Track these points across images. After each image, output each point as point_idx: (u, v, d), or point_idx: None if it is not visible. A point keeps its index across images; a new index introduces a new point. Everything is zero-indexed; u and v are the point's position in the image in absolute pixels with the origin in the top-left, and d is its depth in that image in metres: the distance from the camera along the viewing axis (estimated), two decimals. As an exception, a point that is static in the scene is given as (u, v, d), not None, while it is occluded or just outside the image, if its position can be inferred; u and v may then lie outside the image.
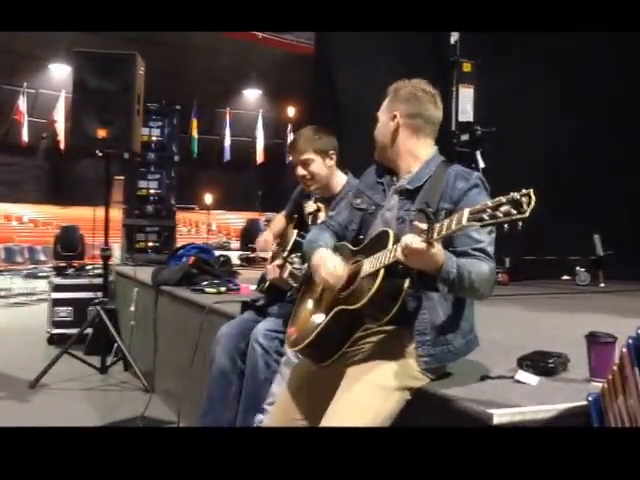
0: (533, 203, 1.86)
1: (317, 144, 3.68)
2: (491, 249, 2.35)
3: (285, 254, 3.68)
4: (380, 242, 2.36)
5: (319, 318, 2.44)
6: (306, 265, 3.56)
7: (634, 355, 1.85)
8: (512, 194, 1.89)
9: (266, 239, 4.08)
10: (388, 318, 2.28)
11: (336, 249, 2.62)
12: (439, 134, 2.70)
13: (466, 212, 1.98)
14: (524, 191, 1.88)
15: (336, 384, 2.36)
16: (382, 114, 2.67)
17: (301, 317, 2.61)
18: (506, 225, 1.90)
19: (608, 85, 7.89)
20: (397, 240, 2.24)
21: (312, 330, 2.42)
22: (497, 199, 1.93)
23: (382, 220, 2.56)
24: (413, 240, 2.08)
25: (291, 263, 3.58)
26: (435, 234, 2.06)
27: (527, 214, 1.86)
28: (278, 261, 3.72)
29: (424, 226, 2.08)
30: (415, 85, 2.65)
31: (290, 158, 3.77)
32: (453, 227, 2.02)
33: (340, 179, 3.73)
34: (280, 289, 3.74)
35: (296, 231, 3.79)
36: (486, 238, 2.34)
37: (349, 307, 2.33)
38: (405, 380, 2.33)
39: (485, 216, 1.93)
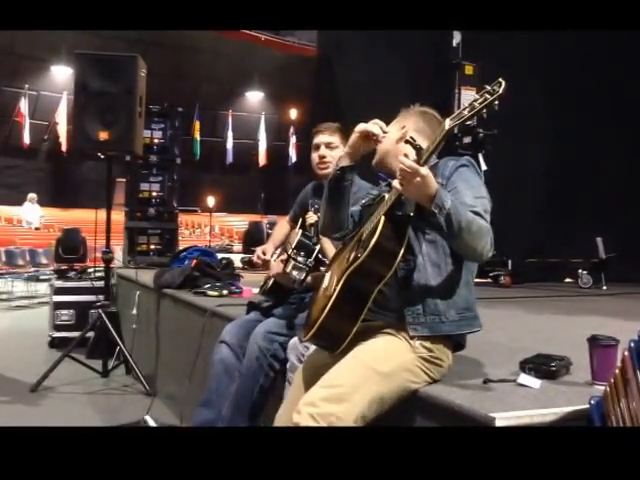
0: (504, 84, 2.10)
1: (344, 137, 3.74)
2: (486, 216, 2.38)
3: (290, 251, 3.68)
4: (377, 206, 2.48)
5: (329, 296, 2.42)
6: (311, 260, 3.58)
7: (636, 358, 1.84)
8: (485, 88, 2.14)
9: (264, 249, 4.06)
10: (396, 262, 2.33)
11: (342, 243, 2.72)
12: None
13: (446, 120, 2.17)
14: (494, 82, 2.13)
15: None
16: (389, 128, 2.71)
17: (314, 306, 2.63)
18: (484, 111, 2.12)
19: (610, 88, 7.89)
20: None
21: (323, 310, 2.41)
22: (473, 99, 2.15)
23: None
24: (405, 159, 2.18)
25: (295, 259, 3.58)
26: (424, 153, 2.21)
27: (501, 92, 2.10)
28: (282, 256, 3.73)
29: (413, 156, 2.21)
30: (427, 108, 2.78)
31: (315, 139, 3.78)
32: (438, 138, 2.20)
33: None
34: (283, 290, 3.74)
35: (301, 231, 3.79)
36: (479, 204, 2.39)
37: (355, 263, 2.34)
38: (400, 370, 2.33)
39: (465, 112, 2.13)
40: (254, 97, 34.62)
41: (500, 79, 2.07)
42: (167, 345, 5.63)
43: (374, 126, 2.56)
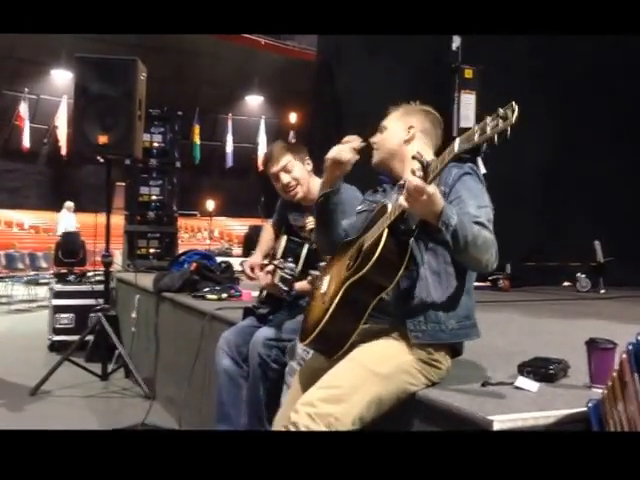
0: (517, 110, 1.96)
1: (293, 150, 3.74)
2: (489, 225, 2.38)
3: (276, 261, 3.69)
4: (379, 215, 2.45)
5: (329, 304, 2.44)
6: (300, 266, 3.59)
7: (634, 361, 1.85)
8: (497, 111, 2.00)
9: (252, 264, 4.02)
10: (394, 282, 2.33)
11: (340, 246, 2.70)
12: (441, 140, 2.76)
13: (457, 140, 2.09)
14: (506, 106, 1.99)
15: None
16: (393, 123, 2.71)
17: (312, 311, 2.63)
18: (496, 137, 1.99)
19: (609, 90, 7.90)
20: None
21: (322, 317, 2.43)
22: (483, 121, 2.02)
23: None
24: (412, 177, 2.15)
25: (282, 268, 3.58)
26: (431, 172, 2.15)
27: (513, 121, 1.97)
28: (269, 267, 3.73)
29: (420, 173, 2.16)
30: (430, 108, 2.78)
31: (271, 170, 3.76)
32: (447, 158, 2.13)
33: (317, 183, 3.71)
34: (278, 297, 3.73)
35: (286, 237, 3.80)
36: (483, 214, 2.39)
37: (356, 276, 2.34)
38: (398, 372, 2.34)
39: (475, 137, 2.04)
40: (254, 101, 34.65)
41: (513, 104, 1.99)
42: (166, 348, 5.63)
43: (344, 153, 2.58)
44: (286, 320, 3.52)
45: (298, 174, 3.71)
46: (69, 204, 19.32)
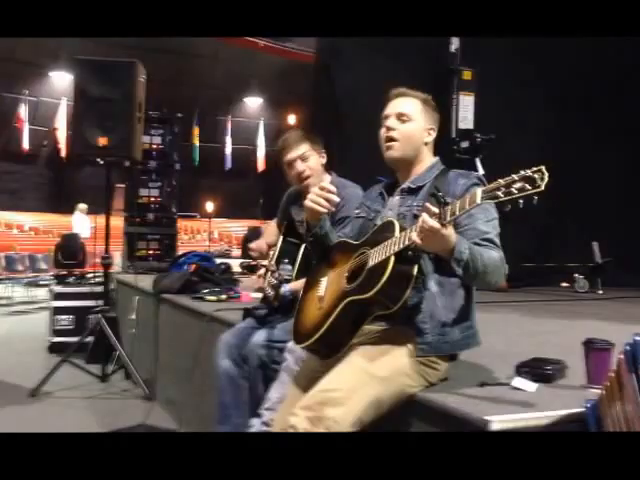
0: (547, 177, 1.91)
1: (311, 140, 3.73)
2: (498, 240, 2.41)
3: (266, 262, 3.69)
4: (385, 232, 2.40)
5: (327, 312, 2.46)
6: (297, 268, 3.59)
7: (631, 362, 1.85)
8: (523, 171, 1.95)
9: (258, 244, 4.04)
10: (398, 306, 2.31)
11: (337, 245, 2.70)
12: (439, 141, 2.75)
13: (479, 191, 2.03)
14: (535, 168, 1.94)
15: None
16: (418, 116, 2.68)
17: (307, 312, 2.63)
18: (521, 201, 1.95)
19: (608, 92, 7.91)
20: (403, 229, 2.30)
21: (321, 324, 2.44)
22: (509, 177, 1.98)
23: (382, 218, 2.59)
24: (428, 219, 2.12)
25: (272, 272, 3.59)
26: (448, 215, 2.11)
27: (542, 188, 1.92)
28: (260, 270, 3.73)
29: (436, 210, 2.12)
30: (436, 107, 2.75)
31: (287, 157, 3.75)
32: (467, 207, 2.07)
33: (326, 178, 3.70)
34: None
35: (282, 238, 3.80)
36: (492, 229, 2.41)
37: (359, 297, 2.34)
38: (397, 375, 2.35)
39: (499, 193, 1.99)
40: (253, 103, 34.62)
41: (543, 169, 1.94)
42: (166, 350, 5.63)
43: (320, 205, 2.59)
44: (285, 321, 3.53)
45: (313, 164, 3.68)
46: (82, 206, 19.24)
